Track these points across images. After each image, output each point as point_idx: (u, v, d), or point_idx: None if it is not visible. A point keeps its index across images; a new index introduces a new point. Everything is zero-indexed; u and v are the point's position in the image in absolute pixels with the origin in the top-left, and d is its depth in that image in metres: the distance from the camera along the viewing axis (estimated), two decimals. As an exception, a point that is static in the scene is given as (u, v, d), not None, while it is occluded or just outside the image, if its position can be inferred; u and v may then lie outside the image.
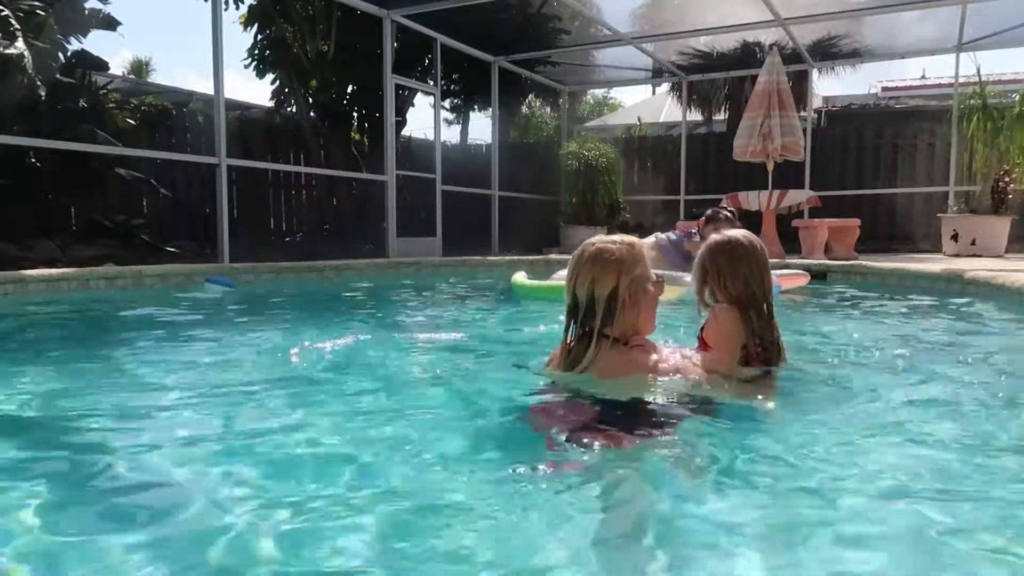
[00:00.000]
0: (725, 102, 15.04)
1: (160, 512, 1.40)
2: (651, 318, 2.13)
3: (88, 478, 1.59)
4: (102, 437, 1.89)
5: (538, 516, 1.34)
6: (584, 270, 2.07)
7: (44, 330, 4.11)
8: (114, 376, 2.72)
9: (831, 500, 1.43)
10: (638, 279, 2.05)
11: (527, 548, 1.23)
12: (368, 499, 1.41)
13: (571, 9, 10.34)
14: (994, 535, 1.26)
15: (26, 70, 7.22)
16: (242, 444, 1.82)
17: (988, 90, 9.50)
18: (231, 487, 1.51)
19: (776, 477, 1.53)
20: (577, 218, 11.45)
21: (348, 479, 1.55)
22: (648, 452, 1.66)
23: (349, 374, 2.66)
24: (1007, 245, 8.92)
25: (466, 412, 2.12)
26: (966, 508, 1.39)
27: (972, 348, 3.13)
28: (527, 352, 2.85)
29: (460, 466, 1.62)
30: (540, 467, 1.53)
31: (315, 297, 5.99)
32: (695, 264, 2.26)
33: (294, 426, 1.94)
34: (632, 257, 2.06)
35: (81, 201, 8.85)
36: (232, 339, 3.64)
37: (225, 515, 1.35)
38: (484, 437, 1.84)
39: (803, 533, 1.29)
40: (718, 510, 1.36)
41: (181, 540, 1.26)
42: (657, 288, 2.10)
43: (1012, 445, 1.76)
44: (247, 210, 11.18)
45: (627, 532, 1.28)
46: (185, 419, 2.06)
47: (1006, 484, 1.52)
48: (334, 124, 12.33)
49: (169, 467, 1.66)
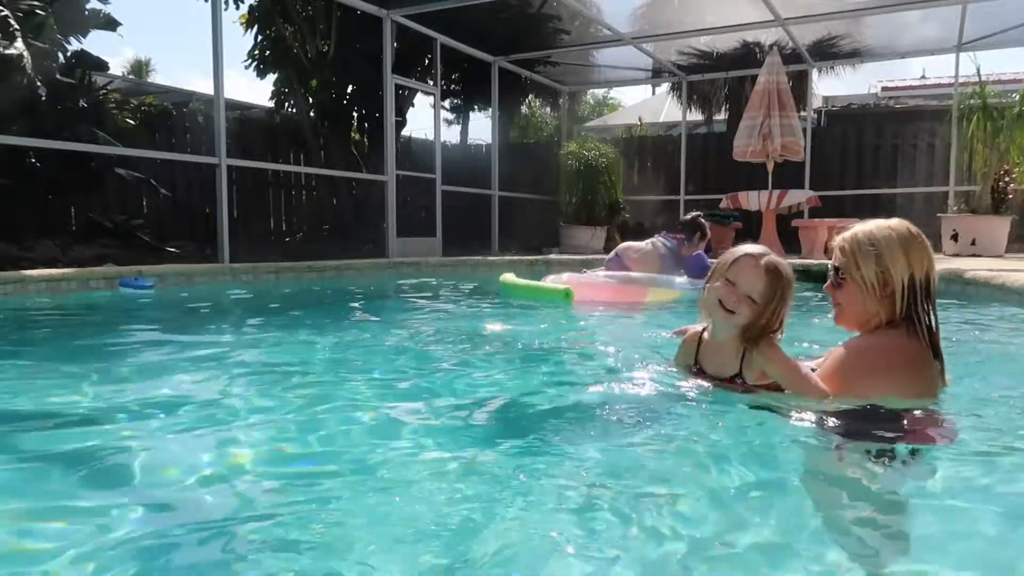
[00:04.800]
0: (725, 102, 15.03)
1: (162, 510, 1.40)
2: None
3: (89, 478, 1.59)
4: (101, 436, 1.89)
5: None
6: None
7: (42, 329, 4.11)
8: (99, 377, 2.72)
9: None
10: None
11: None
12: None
13: (571, 9, 10.34)
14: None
15: (26, 70, 7.21)
16: (244, 442, 1.82)
17: (988, 90, 9.50)
18: (234, 486, 1.52)
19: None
20: (577, 218, 11.46)
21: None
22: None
23: (353, 374, 2.66)
24: (1007, 245, 8.92)
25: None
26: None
27: (972, 348, 3.13)
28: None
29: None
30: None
31: (315, 297, 5.99)
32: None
33: (296, 424, 1.94)
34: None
35: (81, 201, 8.85)
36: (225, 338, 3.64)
37: (229, 513, 1.35)
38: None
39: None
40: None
41: (181, 538, 1.26)
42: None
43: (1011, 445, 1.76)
44: (247, 210, 11.18)
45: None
46: (184, 419, 2.06)
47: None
48: (334, 124, 12.33)
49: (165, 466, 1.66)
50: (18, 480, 1.57)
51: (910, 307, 1.98)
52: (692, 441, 1.76)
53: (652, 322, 4.21)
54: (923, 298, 2.00)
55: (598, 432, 1.89)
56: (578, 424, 1.98)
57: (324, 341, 3.47)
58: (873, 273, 1.98)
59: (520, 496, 1.43)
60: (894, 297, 1.98)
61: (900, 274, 1.97)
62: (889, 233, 2.01)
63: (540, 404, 2.18)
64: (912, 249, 2.00)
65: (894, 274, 1.97)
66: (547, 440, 1.81)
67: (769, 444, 1.77)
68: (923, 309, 2.00)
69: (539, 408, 2.14)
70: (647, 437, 1.80)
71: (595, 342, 3.68)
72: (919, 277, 1.99)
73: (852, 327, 2.12)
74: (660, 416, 1.97)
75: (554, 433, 1.87)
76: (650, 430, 1.85)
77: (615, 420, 2.00)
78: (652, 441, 1.78)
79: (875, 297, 2.00)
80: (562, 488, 1.47)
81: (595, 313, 4.60)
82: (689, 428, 1.86)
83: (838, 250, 2.09)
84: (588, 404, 2.16)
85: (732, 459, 1.62)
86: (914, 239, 2.01)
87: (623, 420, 1.98)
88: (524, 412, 2.12)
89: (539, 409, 2.13)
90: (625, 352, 2.94)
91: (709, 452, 1.68)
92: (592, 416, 2.04)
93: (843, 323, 2.13)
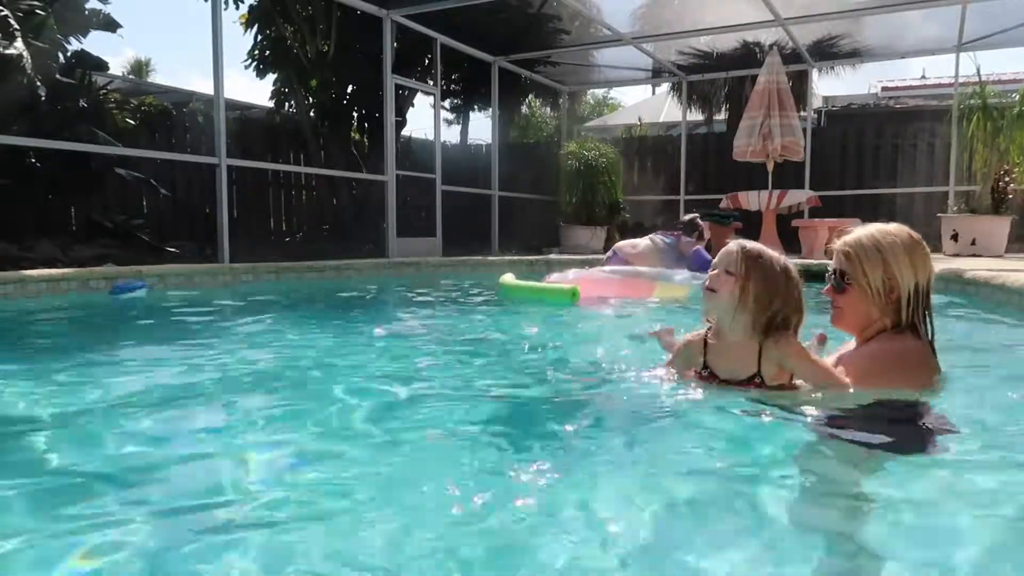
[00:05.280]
0: (725, 102, 15.03)
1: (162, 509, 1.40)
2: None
3: (88, 476, 1.59)
4: (101, 436, 1.89)
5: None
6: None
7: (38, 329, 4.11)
8: (103, 377, 2.72)
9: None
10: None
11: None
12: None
13: (571, 9, 10.34)
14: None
15: (26, 70, 7.21)
16: (249, 443, 1.82)
17: (988, 90, 9.49)
18: (237, 486, 1.51)
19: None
20: (577, 218, 11.46)
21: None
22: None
23: (360, 377, 2.66)
24: (1007, 245, 8.91)
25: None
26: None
27: (972, 348, 3.13)
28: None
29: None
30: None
31: (315, 297, 5.99)
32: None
33: (299, 423, 1.94)
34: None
35: (81, 201, 8.85)
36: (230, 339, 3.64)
37: (234, 513, 1.35)
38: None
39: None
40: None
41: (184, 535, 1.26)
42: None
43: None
44: (247, 210, 11.18)
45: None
46: (184, 418, 2.06)
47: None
48: (334, 124, 12.33)
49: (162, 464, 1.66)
50: (9, 486, 1.56)
51: (913, 313, 1.99)
52: (704, 443, 1.76)
53: (656, 320, 4.20)
54: (925, 303, 2.01)
55: (596, 434, 1.89)
56: (578, 425, 1.97)
57: (323, 341, 3.47)
58: (880, 280, 1.99)
59: (520, 496, 1.42)
60: (899, 303, 1.99)
61: (907, 282, 1.99)
62: (894, 240, 2.01)
63: (540, 405, 2.18)
64: (916, 256, 2.01)
65: (901, 282, 1.99)
66: (548, 440, 1.81)
67: (780, 449, 1.74)
68: (923, 314, 2.01)
69: (539, 409, 2.14)
70: (657, 440, 1.80)
71: (596, 343, 3.67)
72: (922, 284, 2.00)
73: (849, 330, 2.12)
74: (664, 420, 1.97)
75: (555, 434, 1.87)
76: (656, 433, 1.85)
77: (615, 421, 1.99)
78: (661, 446, 1.77)
79: (879, 303, 2.00)
80: (563, 489, 1.46)
81: (601, 312, 4.59)
82: (697, 426, 1.86)
83: (842, 255, 2.07)
84: (587, 404, 2.16)
85: (741, 460, 1.62)
86: (917, 245, 2.03)
87: (623, 420, 1.98)
88: (524, 412, 2.12)
89: (539, 410, 2.13)
90: (627, 352, 2.94)
91: (718, 451, 1.68)
92: (590, 418, 2.04)
93: (841, 326, 2.12)
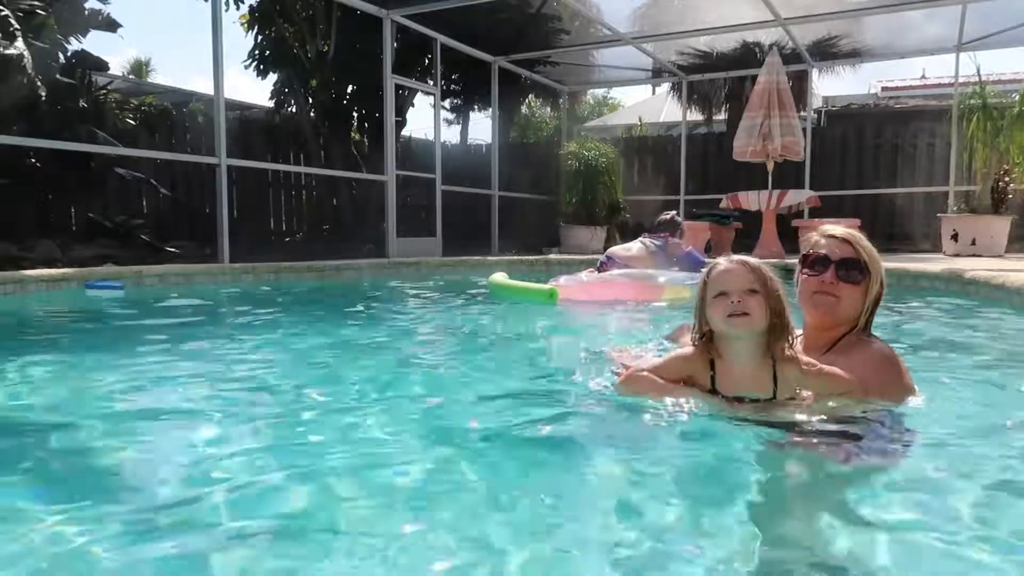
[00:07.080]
0: (725, 102, 15.03)
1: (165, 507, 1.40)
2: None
3: (87, 477, 1.59)
4: (98, 436, 1.89)
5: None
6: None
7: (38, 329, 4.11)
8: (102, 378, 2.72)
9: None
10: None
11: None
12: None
13: (571, 9, 10.34)
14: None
15: (26, 70, 7.21)
16: (252, 438, 1.82)
17: (988, 90, 9.49)
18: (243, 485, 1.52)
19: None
20: (577, 218, 11.45)
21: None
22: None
23: (361, 377, 2.66)
24: (1007, 245, 8.91)
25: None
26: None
27: (972, 348, 3.13)
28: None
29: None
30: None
31: (313, 297, 5.99)
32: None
33: (295, 424, 1.94)
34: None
35: (81, 201, 8.86)
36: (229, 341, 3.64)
37: (237, 513, 1.35)
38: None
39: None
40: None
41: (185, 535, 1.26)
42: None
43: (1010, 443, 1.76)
44: (247, 210, 11.17)
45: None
46: (183, 420, 2.06)
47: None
48: (334, 124, 12.33)
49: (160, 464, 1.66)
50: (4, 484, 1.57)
51: (871, 316, 2.06)
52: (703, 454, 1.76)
53: (662, 319, 4.20)
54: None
55: (594, 435, 1.89)
56: (577, 427, 1.98)
57: (322, 341, 3.47)
58: (879, 280, 2.04)
59: (519, 496, 1.43)
60: (874, 305, 2.05)
61: (882, 285, 2.06)
62: (870, 244, 2.08)
63: (539, 406, 2.18)
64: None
65: (880, 284, 2.05)
66: (547, 442, 1.81)
67: (778, 468, 1.75)
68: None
69: (538, 410, 2.14)
70: (659, 445, 1.80)
71: (597, 342, 3.67)
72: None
73: (828, 322, 2.05)
74: (667, 422, 1.97)
75: (555, 435, 1.87)
76: (659, 438, 1.85)
77: (615, 423, 1.99)
78: (664, 452, 1.77)
79: (865, 302, 2.03)
80: (562, 491, 1.46)
81: (604, 313, 4.58)
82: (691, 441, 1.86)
83: (860, 249, 2.03)
84: (585, 405, 2.16)
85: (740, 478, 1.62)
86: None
87: (624, 421, 1.98)
88: (523, 413, 2.12)
89: (538, 411, 2.12)
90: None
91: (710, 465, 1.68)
92: (588, 419, 2.04)
93: (830, 317, 2.04)
